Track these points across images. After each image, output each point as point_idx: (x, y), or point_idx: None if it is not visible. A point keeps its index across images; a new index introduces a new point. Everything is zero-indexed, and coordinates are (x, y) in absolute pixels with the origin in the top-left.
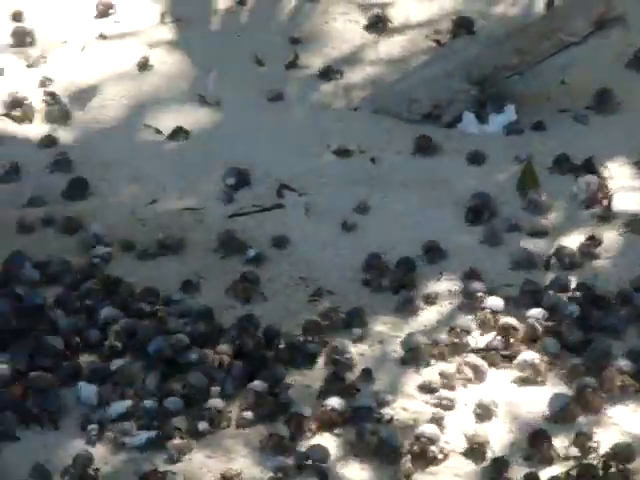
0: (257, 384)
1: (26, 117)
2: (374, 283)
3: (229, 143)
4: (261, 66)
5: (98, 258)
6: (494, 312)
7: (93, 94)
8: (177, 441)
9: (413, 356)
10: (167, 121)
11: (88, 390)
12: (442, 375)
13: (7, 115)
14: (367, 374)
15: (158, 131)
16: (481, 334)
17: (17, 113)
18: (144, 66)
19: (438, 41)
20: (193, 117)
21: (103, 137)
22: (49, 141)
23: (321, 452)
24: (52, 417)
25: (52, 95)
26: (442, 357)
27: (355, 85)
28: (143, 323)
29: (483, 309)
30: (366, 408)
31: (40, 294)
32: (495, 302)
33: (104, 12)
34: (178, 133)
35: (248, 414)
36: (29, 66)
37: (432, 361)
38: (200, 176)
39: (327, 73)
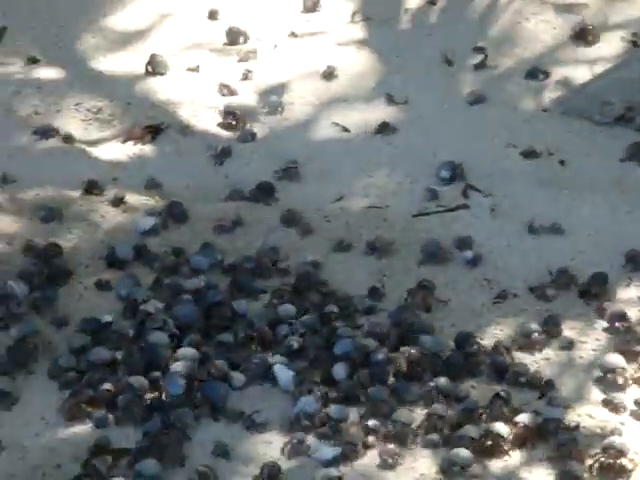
0: (440, 407)
1: (239, 124)
2: (562, 291)
3: (415, 142)
4: (450, 65)
5: (282, 259)
6: None
7: (283, 92)
8: (386, 446)
9: (609, 376)
10: (354, 119)
11: (285, 374)
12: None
13: (221, 124)
14: (550, 385)
15: (345, 129)
16: None
17: (229, 120)
18: (329, 75)
19: (635, 42)
20: (380, 115)
21: (291, 134)
22: (250, 135)
23: None
24: (231, 409)
25: (233, 90)
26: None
27: (546, 86)
28: (327, 323)
29: None
30: (555, 420)
31: (220, 289)
32: None
33: (311, 8)
34: (385, 128)
35: (434, 436)
36: (239, 60)
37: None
38: (386, 174)
39: (533, 73)
